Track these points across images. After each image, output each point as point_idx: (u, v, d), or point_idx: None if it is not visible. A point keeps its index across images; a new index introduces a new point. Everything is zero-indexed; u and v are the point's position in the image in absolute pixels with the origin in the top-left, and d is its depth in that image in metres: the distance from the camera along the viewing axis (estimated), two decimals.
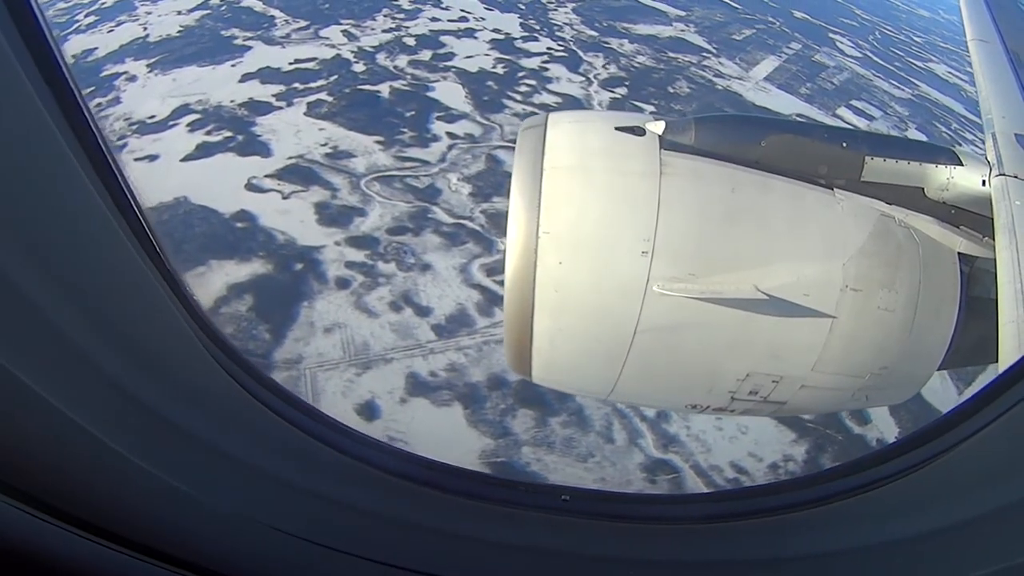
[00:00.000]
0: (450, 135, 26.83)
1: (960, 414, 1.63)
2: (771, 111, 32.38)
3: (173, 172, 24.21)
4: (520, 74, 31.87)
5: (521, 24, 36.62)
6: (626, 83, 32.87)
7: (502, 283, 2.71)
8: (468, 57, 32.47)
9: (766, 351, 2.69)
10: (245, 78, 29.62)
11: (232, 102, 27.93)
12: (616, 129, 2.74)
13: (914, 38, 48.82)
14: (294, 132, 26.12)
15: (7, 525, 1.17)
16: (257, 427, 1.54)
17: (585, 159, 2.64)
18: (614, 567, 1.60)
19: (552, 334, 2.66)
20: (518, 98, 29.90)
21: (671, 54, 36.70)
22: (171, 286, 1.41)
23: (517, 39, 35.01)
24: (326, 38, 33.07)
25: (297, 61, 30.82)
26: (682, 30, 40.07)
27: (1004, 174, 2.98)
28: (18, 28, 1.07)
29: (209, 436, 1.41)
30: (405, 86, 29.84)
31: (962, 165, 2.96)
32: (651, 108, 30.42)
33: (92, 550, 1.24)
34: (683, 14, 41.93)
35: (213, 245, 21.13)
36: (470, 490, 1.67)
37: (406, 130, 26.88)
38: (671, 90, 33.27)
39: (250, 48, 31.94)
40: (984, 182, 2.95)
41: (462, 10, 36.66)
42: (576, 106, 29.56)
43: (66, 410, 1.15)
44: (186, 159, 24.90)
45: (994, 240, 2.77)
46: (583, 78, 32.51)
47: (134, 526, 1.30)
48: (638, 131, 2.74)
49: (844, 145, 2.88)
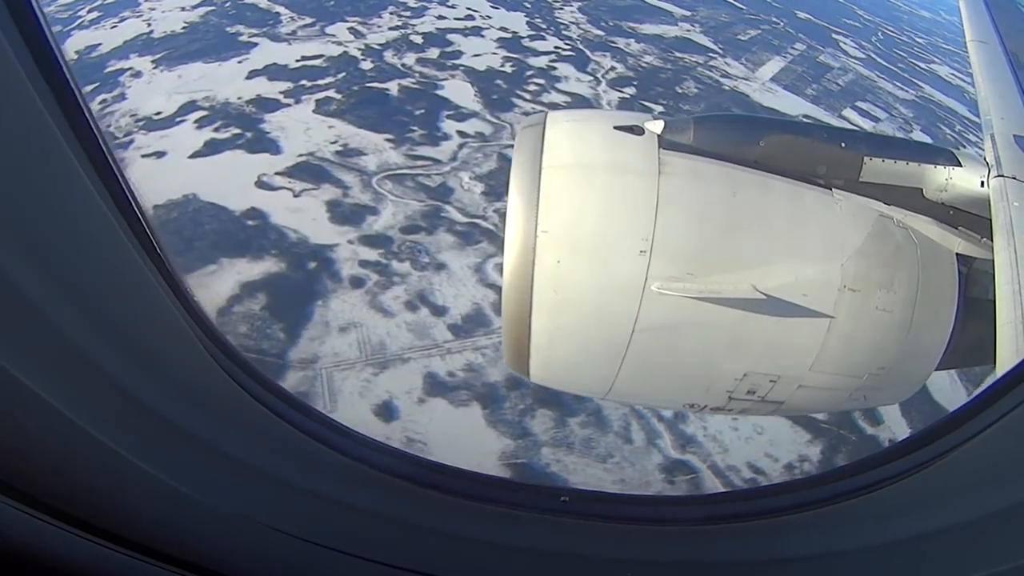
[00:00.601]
0: (460, 133, 26.74)
1: (961, 416, 1.62)
2: (778, 112, 32.45)
3: (181, 169, 24.04)
4: (528, 73, 31.81)
5: (528, 23, 36.56)
6: (634, 83, 32.84)
7: None
8: (476, 55, 32.38)
9: (764, 351, 2.69)
10: (252, 75, 29.46)
11: (239, 99, 27.76)
12: (615, 128, 2.72)
13: (916, 39, 49.04)
14: (303, 129, 25.97)
15: (7, 526, 1.17)
16: (256, 427, 1.53)
17: (584, 158, 2.63)
18: (614, 568, 1.59)
19: (550, 333, 2.65)
20: (527, 97, 29.82)
21: (678, 54, 36.70)
22: (171, 286, 1.39)
23: (524, 38, 34.95)
24: (332, 35, 32.93)
25: (304, 58, 30.67)
26: (688, 30, 40.09)
27: (1003, 175, 2.97)
28: (18, 27, 1.06)
29: (209, 436, 1.40)
30: (414, 84, 29.72)
31: (961, 166, 2.95)
32: (660, 108, 30.38)
33: (92, 550, 1.24)
34: (688, 14, 41.97)
35: (224, 243, 20.97)
36: (469, 491, 1.67)
37: (416, 128, 26.76)
38: (679, 90, 33.26)
39: (256, 45, 31.77)
40: (983, 183, 2.94)
41: (468, 8, 36.58)
42: (586, 106, 29.52)
43: (66, 410, 1.15)
44: (194, 156, 24.73)
45: (992, 241, 2.77)
46: (591, 77, 32.46)
47: (134, 526, 1.30)
48: (637, 130, 2.73)
49: (843, 145, 2.87)
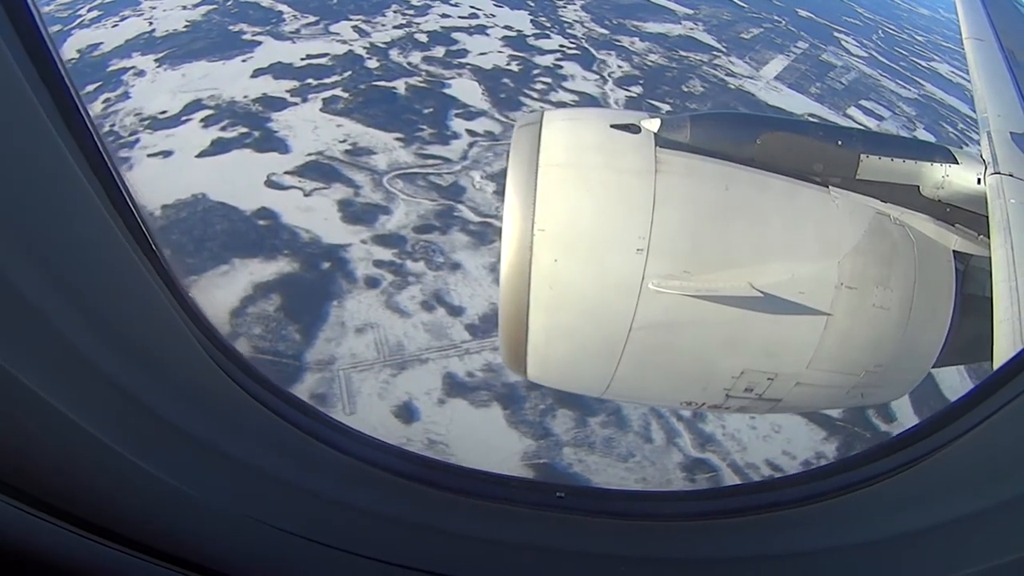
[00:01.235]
0: (470, 132, 26.64)
1: (952, 412, 1.62)
2: (784, 111, 32.46)
3: (189, 168, 23.85)
4: (535, 71, 31.74)
5: (532, 21, 36.50)
6: (640, 81, 32.81)
7: None
8: (482, 54, 32.29)
9: (761, 348, 2.68)
10: (257, 73, 29.27)
11: (245, 98, 27.57)
12: (611, 127, 2.71)
13: (916, 37, 49.22)
14: (311, 128, 25.80)
15: (7, 524, 1.17)
16: (254, 425, 1.53)
17: (580, 156, 2.62)
18: (609, 563, 1.60)
19: (547, 332, 2.63)
20: (535, 95, 29.74)
21: (682, 52, 36.70)
22: (169, 286, 1.39)
23: (529, 36, 34.87)
24: (336, 33, 32.75)
25: (309, 57, 30.49)
26: (691, 28, 40.09)
27: (999, 172, 2.97)
28: (15, 26, 1.06)
29: (207, 435, 1.40)
30: (421, 83, 29.59)
31: (957, 163, 2.94)
32: (667, 107, 30.36)
33: (91, 549, 1.25)
34: (691, 12, 41.99)
35: (235, 243, 20.81)
36: (465, 487, 1.67)
37: (425, 127, 26.64)
38: (685, 89, 33.25)
39: (260, 43, 31.56)
40: (979, 180, 2.93)
41: (471, 7, 36.44)
42: (594, 104, 29.44)
43: (64, 410, 1.15)
44: (201, 155, 24.54)
45: (989, 238, 2.76)
46: (598, 76, 32.41)
47: (133, 525, 1.30)
48: (633, 129, 2.72)
49: (839, 143, 2.87)
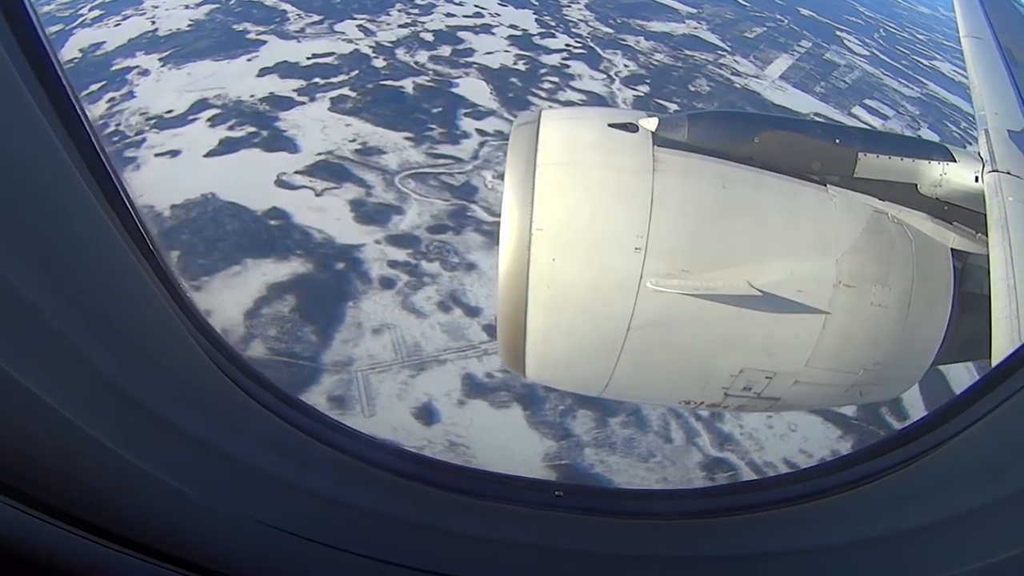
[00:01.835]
0: (480, 132, 26.55)
1: (950, 410, 1.62)
2: (790, 110, 32.48)
3: (197, 168, 23.72)
4: (542, 71, 31.70)
5: (536, 20, 36.46)
6: (647, 81, 32.80)
7: None
8: (488, 53, 32.21)
9: (760, 347, 2.68)
10: (263, 72, 29.14)
11: (252, 97, 27.43)
12: (609, 126, 2.71)
13: (917, 35, 49.38)
14: (320, 128, 25.68)
15: (6, 525, 1.17)
16: (252, 425, 1.53)
17: (578, 155, 2.62)
18: (608, 562, 1.60)
19: (546, 331, 2.63)
20: (543, 95, 29.69)
21: (687, 52, 36.71)
22: (166, 286, 1.38)
23: (535, 35, 34.83)
24: (342, 32, 32.64)
25: (315, 56, 30.37)
26: (695, 27, 40.10)
27: (997, 170, 2.96)
28: (12, 27, 1.06)
29: (206, 435, 1.40)
30: (428, 82, 29.49)
31: (955, 161, 2.93)
32: (674, 107, 30.31)
33: (90, 549, 1.25)
34: (694, 11, 42.00)
35: (247, 243, 20.68)
36: (464, 486, 1.67)
37: (434, 126, 26.55)
38: (692, 88, 33.25)
39: (264, 42, 31.43)
40: (977, 178, 2.93)
41: (476, 6, 36.36)
42: (602, 104, 29.40)
43: (63, 410, 1.15)
44: (210, 154, 24.41)
45: (987, 236, 2.76)
46: (604, 75, 32.38)
47: (132, 525, 1.30)
48: (631, 127, 2.71)
49: (837, 141, 2.87)
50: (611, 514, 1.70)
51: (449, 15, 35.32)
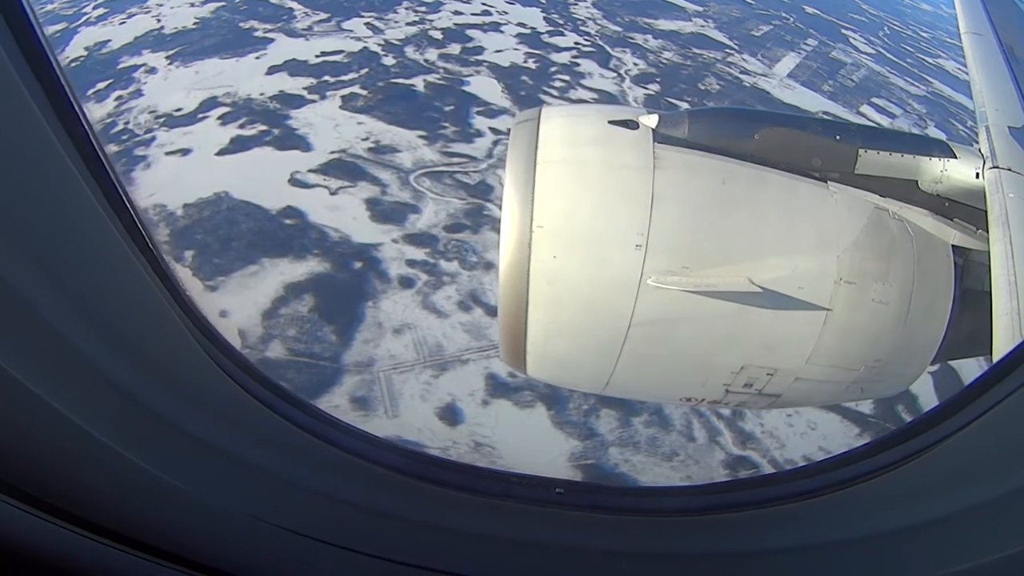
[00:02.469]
0: (493, 130, 26.42)
1: (951, 407, 1.63)
2: (800, 109, 32.45)
3: (209, 166, 23.56)
4: (552, 69, 31.60)
5: (544, 18, 36.35)
6: (657, 79, 32.73)
7: None
8: (498, 51, 32.10)
9: (760, 344, 2.69)
10: (272, 70, 28.97)
11: (262, 95, 27.25)
12: (609, 123, 2.72)
13: (921, 33, 49.43)
14: (332, 126, 25.52)
15: (8, 524, 1.17)
16: (252, 423, 1.53)
17: (578, 153, 2.63)
18: (609, 559, 1.60)
19: (546, 328, 2.64)
20: (555, 93, 29.59)
21: (696, 50, 36.64)
22: (166, 284, 1.39)
23: (543, 33, 34.72)
24: (350, 30, 32.47)
25: (324, 54, 30.21)
26: (702, 25, 40.06)
27: (997, 167, 2.96)
28: (10, 27, 1.06)
29: (206, 433, 1.40)
30: (439, 80, 29.35)
31: (956, 158, 2.94)
32: (685, 105, 30.25)
33: (92, 548, 1.25)
34: (700, 9, 41.96)
35: (263, 243, 20.53)
36: (465, 483, 1.68)
37: (448, 125, 26.41)
38: (701, 87, 33.20)
39: (272, 40, 31.25)
40: (978, 175, 2.93)
41: (483, 3, 36.21)
42: (613, 102, 29.31)
43: (62, 408, 1.15)
44: (221, 153, 24.23)
45: (988, 232, 2.76)
46: (615, 74, 32.29)
47: (133, 523, 1.31)
48: (631, 125, 2.73)
49: (838, 138, 2.88)
50: (611, 511, 1.71)
51: (457, 13, 35.18)
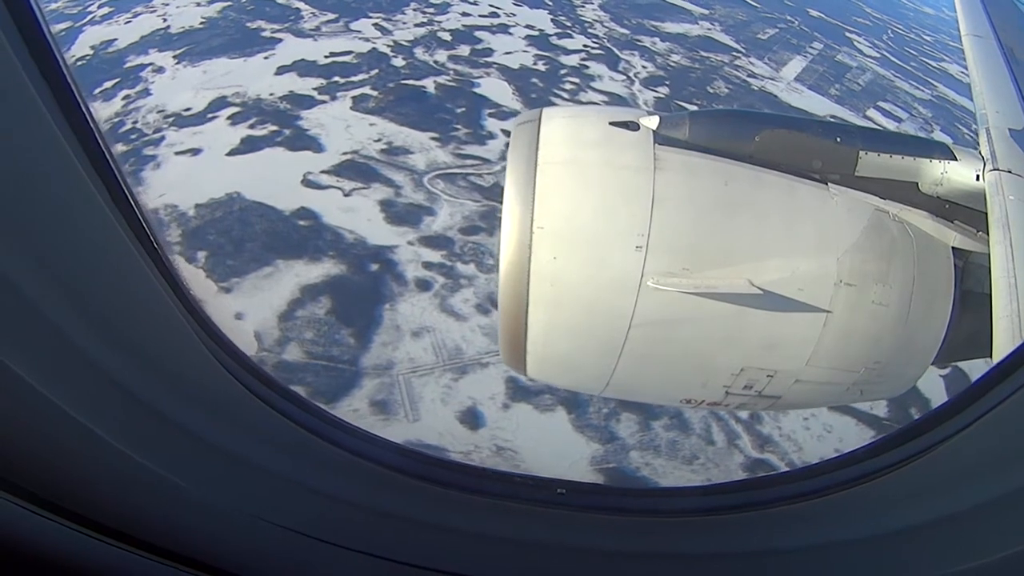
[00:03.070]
0: (505, 133, 26.25)
1: (951, 408, 1.62)
2: (808, 113, 32.48)
3: (220, 166, 23.42)
4: (562, 71, 31.58)
5: (552, 20, 36.30)
6: (666, 82, 32.73)
7: None
8: (507, 53, 32.05)
9: (760, 345, 2.70)
10: (281, 71, 28.86)
11: (272, 95, 27.13)
12: (610, 124, 2.72)
13: (924, 36, 49.62)
14: (344, 127, 25.42)
15: (9, 522, 1.18)
16: (256, 423, 1.53)
17: (579, 154, 2.63)
18: (610, 560, 1.60)
19: (547, 329, 2.63)
20: (565, 95, 29.55)
21: (703, 53, 36.65)
22: (170, 283, 1.38)
23: (552, 35, 34.70)
24: (358, 31, 32.38)
25: (333, 54, 30.11)
26: (709, 29, 40.09)
27: (998, 169, 2.97)
28: (16, 24, 1.05)
29: (209, 433, 1.40)
30: (450, 81, 29.26)
31: (956, 160, 2.94)
32: (695, 108, 30.24)
33: (94, 546, 1.26)
34: (707, 12, 41.99)
35: (277, 244, 20.39)
36: (467, 484, 1.68)
37: (460, 126, 26.33)
38: (710, 90, 33.22)
39: (280, 40, 31.13)
40: (978, 177, 2.94)
41: (491, 5, 36.15)
42: (623, 105, 29.28)
43: (65, 406, 1.15)
44: (232, 153, 24.09)
45: (988, 235, 2.77)
46: (624, 76, 32.28)
47: (135, 522, 1.31)
48: (632, 126, 2.73)
49: (838, 140, 2.88)
50: (614, 511, 1.71)
51: (465, 14, 35.11)
